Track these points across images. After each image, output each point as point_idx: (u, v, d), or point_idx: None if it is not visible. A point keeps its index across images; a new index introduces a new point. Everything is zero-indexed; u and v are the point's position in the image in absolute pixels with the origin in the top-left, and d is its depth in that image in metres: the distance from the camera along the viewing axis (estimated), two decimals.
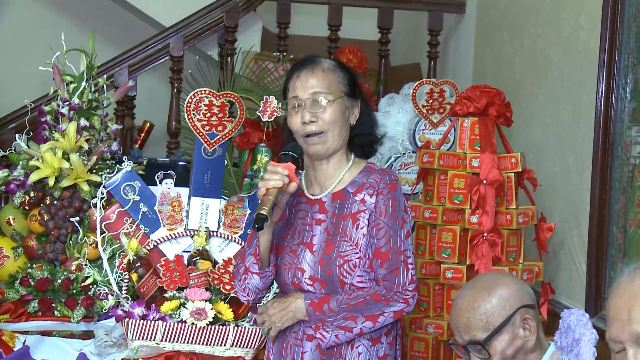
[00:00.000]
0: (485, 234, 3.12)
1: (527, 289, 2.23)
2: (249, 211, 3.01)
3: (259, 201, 2.34)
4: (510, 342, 2.15)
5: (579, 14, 3.62)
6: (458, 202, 3.20)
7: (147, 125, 5.32)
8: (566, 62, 3.72)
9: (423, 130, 3.81)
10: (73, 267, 3.16)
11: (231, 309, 2.87)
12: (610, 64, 3.29)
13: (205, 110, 2.93)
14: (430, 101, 3.69)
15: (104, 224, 2.99)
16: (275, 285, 2.63)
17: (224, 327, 2.86)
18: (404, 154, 3.90)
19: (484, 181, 3.14)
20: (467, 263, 3.18)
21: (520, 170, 3.22)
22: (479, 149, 3.20)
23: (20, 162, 3.33)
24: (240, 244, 2.96)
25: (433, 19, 5.17)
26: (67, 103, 3.33)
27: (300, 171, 2.56)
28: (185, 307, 2.82)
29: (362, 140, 2.53)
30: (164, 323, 2.82)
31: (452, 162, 3.23)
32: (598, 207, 3.32)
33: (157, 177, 3.00)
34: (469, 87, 3.35)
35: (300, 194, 2.51)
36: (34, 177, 3.22)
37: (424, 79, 3.84)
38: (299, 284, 2.46)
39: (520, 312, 2.16)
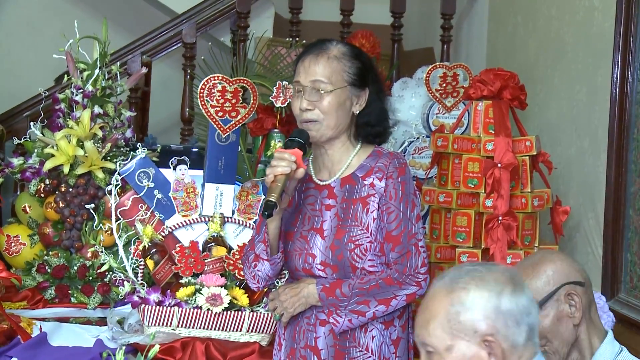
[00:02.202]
0: (500, 218, 3.10)
1: (577, 266, 2.20)
2: (263, 197, 3.01)
3: (268, 188, 2.34)
4: (555, 319, 2.13)
5: None
6: (472, 186, 3.18)
7: None
8: (581, 43, 3.70)
9: (437, 114, 3.79)
10: (89, 254, 3.18)
11: (246, 295, 2.88)
12: (625, 45, 3.26)
13: (218, 96, 2.93)
14: (444, 85, 3.67)
15: (119, 210, 3.00)
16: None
17: (240, 312, 2.87)
18: (417, 138, 3.88)
19: (499, 165, 3.12)
20: (482, 247, 3.17)
21: (535, 153, 3.21)
22: (493, 132, 3.18)
23: (35, 150, 3.34)
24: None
25: (446, 3, 5.14)
26: (81, 91, 3.33)
27: (308, 157, 2.56)
28: (201, 293, 2.83)
29: (367, 130, 2.51)
30: (180, 309, 2.83)
31: (467, 146, 3.21)
32: (614, 189, 3.30)
33: (171, 163, 3.01)
34: (482, 70, 3.33)
35: (308, 180, 2.50)
36: (49, 164, 3.23)
37: (437, 63, 3.82)
38: (310, 270, 2.46)
39: (565, 288, 2.14)
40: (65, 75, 3.45)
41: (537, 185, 3.30)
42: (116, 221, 2.98)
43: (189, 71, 4.89)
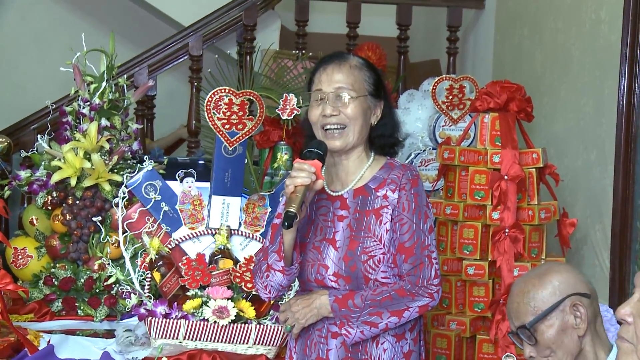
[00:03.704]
0: (507, 230, 3.10)
1: (583, 278, 2.20)
2: (269, 209, 3.02)
3: (287, 199, 2.33)
4: (559, 329, 2.13)
5: (599, 7, 3.59)
6: (479, 198, 3.18)
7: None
8: (587, 56, 3.70)
9: (443, 126, 3.79)
10: (96, 267, 3.18)
11: (253, 307, 2.88)
12: (632, 57, 3.27)
13: (225, 108, 2.93)
14: (450, 97, 3.68)
15: (125, 223, 3.00)
16: (296, 282, 2.63)
17: (246, 325, 2.87)
18: (424, 150, 3.88)
19: (505, 177, 3.12)
20: (489, 259, 3.17)
21: (541, 165, 3.20)
22: (499, 144, 3.19)
23: (43, 163, 3.35)
24: (262, 242, 2.96)
25: (452, 15, 5.15)
26: (88, 103, 3.34)
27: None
28: (208, 306, 2.83)
29: (383, 141, 2.53)
30: (187, 321, 2.83)
31: (473, 158, 3.21)
32: (621, 201, 3.30)
33: (178, 176, 3.01)
34: (489, 82, 3.34)
35: (320, 191, 2.50)
36: (56, 177, 3.24)
37: (444, 75, 3.83)
38: (322, 281, 2.46)
39: (570, 299, 2.14)
40: (72, 88, 3.46)
41: (543, 197, 3.30)
42: (123, 233, 2.99)
43: (195, 84, 4.91)
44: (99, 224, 3.13)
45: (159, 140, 5.26)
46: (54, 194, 3.30)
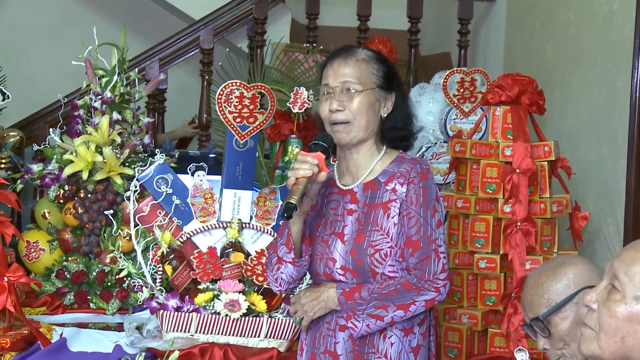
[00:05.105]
0: (518, 223, 3.09)
1: (598, 271, 2.18)
2: (280, 202, 3.02)
3: (289, 190, 2.34)
4: (573, 322, 2.12)
5: None
6: (491, 192, 3.17)
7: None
8: (600, 48, 3.68)
9: (454, 119, 3.78)
10: (107, 260, 3.19)
11: (264, 301, 2.88)
12: None
13: (236, 102, 2.93)
14: (462, 90, 3.66)
15: (137, 216, 3.01)
16: (308, 275, 2.63)
17: (258, 318, 2.87)
18: (435, 143, 3.88)
19: (517, 170, 3.11)
20: (501, 253, 3.16)
21: (553, 158, 3.19)
22: (511, 137, 3.17)
23: (55, 156, 3.36)
24: (273, 236, 2.97)
25: (463, 8, 5.13)
26: (100, 97, 3.35)
27: (332, 162, 2.56)
28: (219, 299, 2.84)
29: (394, 134, 2.52)
30: (198, 315, 2.84)
31: (485, 152, 3.20)
32: (634, 194, 3.28)
33: (189, 169, 3.01)
34: (500, 75, 3.32)
35: (332, 185, 2.51)
36: (68, 170, 3.25)
37: (455, 68, 3.81)
38: (330, 274, 2.46)
39: (585, 292, 2.13)
40: (84, 82, 3.47)
41: (555, 190, 3.28)
42: (135, 227, 2.99)
43: (206, 77, 4.91)
44: (110, 217, 3.13)
45: (169, 133, 5.28)
46: (66, 188, 3.31)
